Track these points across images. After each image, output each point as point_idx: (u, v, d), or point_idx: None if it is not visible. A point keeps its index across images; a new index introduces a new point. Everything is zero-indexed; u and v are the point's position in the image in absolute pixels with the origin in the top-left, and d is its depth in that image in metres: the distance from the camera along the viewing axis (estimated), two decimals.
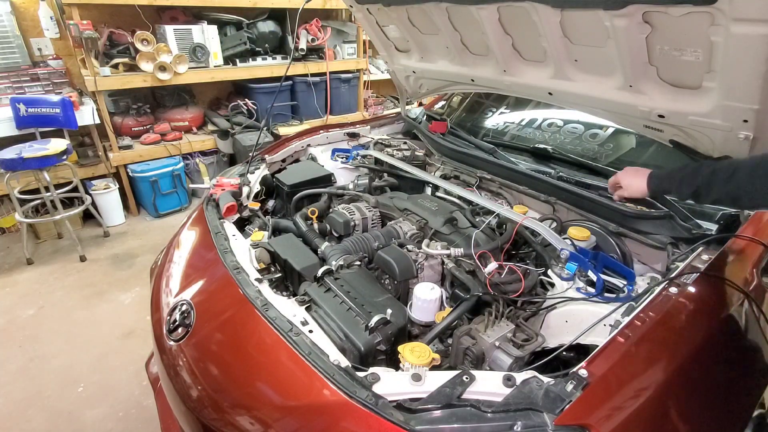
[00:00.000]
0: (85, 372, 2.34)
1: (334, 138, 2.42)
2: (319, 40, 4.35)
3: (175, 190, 4.00)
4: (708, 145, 1.31)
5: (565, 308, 1.21)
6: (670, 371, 0.91)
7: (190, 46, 3.78)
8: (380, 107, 5.39)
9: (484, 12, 1.52)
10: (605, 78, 1.42)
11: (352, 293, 1.25)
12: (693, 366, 0.95)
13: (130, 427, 2.05)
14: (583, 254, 1.28)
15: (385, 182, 2.06)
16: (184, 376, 1.17)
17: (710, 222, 1.36)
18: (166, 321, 1.32)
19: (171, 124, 4.10)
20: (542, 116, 2.10)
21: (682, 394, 0.92)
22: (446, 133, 2.27)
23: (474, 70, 1.88)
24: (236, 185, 1.86)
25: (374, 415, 0.87)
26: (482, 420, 0.84)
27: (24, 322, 2.73)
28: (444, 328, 1.17)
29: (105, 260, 3.38)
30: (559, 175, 1.69)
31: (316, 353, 1.03)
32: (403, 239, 1.56)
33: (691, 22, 1.07)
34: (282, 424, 0.96)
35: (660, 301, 1.03)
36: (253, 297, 1.23)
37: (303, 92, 4.55)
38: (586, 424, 0.80)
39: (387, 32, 2.16)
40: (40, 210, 3.70)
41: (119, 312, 2.80)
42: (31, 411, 2.13)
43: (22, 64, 3.58)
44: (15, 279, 3.16)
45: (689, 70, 1.19)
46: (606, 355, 0.91)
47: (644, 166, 1.64)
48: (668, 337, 0.97)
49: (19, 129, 3.35)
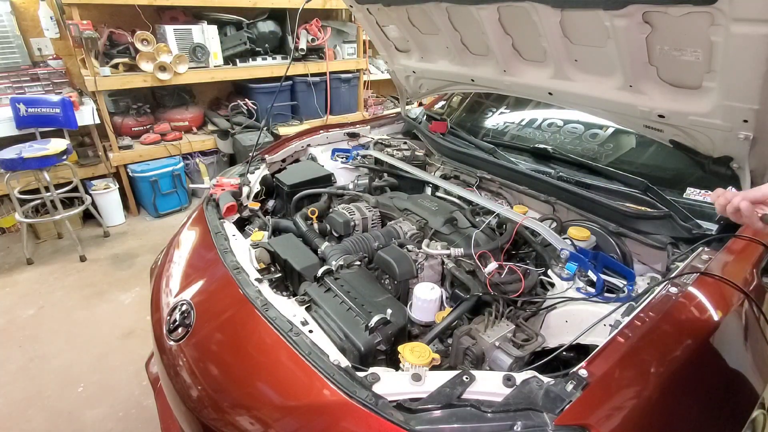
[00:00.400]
0: (85, 372, 2.34)
1: (334, 138, 2.42)
2: (319, 40, 4.35)
3: (175, 190, 4.00)
4: (708, 145, 1.31)
5: (565, 308, 1.21)
6: (670, 371, 0.91)
7: (190, 46, 3.78)
8: (380, 107, 5.38)
9: (484, 12, 1.52)
10: (605, 78, 1.42)
11: (352, 293, 1.25)
12: (693, 366, 0.95)
13: (130, 427, 2.05)
14: (583, 254, 1.28)
15: (385, 182, 2.06)
16: (184, 376, 1.17)
17: (710, 222, 1.36)
18: (166, 321, 1.32)
19: (171, 124, 4.10)
20: (542, 116, 2.10)
21: (681, 394, 0.92)
22: (446, 133, 2.27)
23: (474, 70, 1.88)
24: (236, 185, 1.86)
25: (374, 415, 0.87)
26: (482, 420, 0.84)
27: (24, 322, 2.73)
28: (444, 328, 1.17)
29: (105, 260, 3.38)
30: (559, 175, 1.69)
31: (316, 353, 1.02)
32: (403, 239, 1.56)
33: (691, 22, 1.07)
34: (282, 424, 0.96)
35: (660, 301, 1.03)
36: (253, 297, 1.23)
37: (303, 92, 4.55)
38: (586, 424, 0.80)
39: (387, 32, 2.16)
40: (40, 210, 3.70)
41: (119, 312, 2.80)
42: (31, 411, 2.13)
43: (22, 64, 3.57)
44: (15, 279, 3.16)
45: (689, 70, 1.19)
46: (606, 355, 0.91)
47: (644, 166, 1.66)
48: (668, 337, 0.97)
49: (19, 129, 3.35)
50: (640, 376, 0.90)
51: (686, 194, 1.51)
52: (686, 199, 1.49)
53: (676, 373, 0.92)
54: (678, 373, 0.92)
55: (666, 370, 0.91)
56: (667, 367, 0.92)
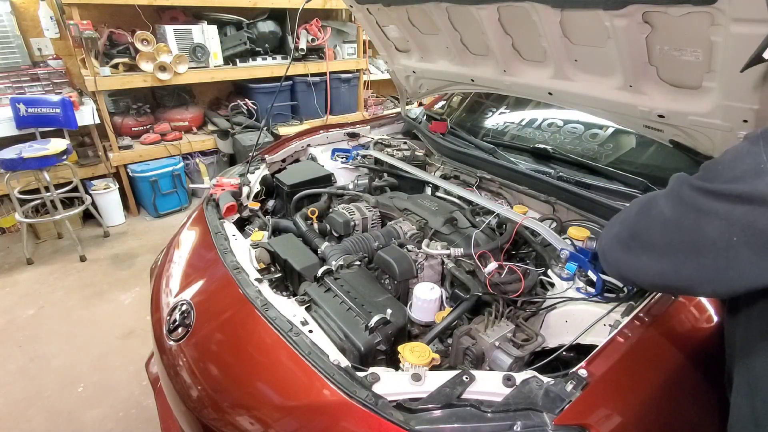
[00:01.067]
0: (85, 372, 2.34)
1: (334, 138, 2.42)
2: (319, 40, 4.35)
3: (175, 190, 4.00)
4: (708, 145, 1.31)
5: (565, 308, 1.21)
6: (670, 371, 0.91)
7: (190, 46, 3.78)
8: (380, 107, 5.39)
9: (484, 12, 1.52)
10: (605, 78, 1.42)
11: (352, 293, 1.25)
12: (692, 366, 0.95)
13: (130, 427, 2.05)
14: (583, 254, 1.28)
15: (385, 182, 2.06)
16: (184, 376, 1.17)
17: None
18: (166, 321, 1.32)
19: (171, 124, 4.10)
20: (542, 116, 2.09)
21: (681, 394, 0.92)
22: (446, 133, 2.27)
23: (474, 70, 1.88)
24: (236, 185, 1.86)
25: (374, 415, 0.87)
26: (482, 420, 0.84)
27: (24, 322, 2.73)
28: (444, 328, 1.17)
29: (105, 260, 3.38)
30: (559, 175, 1.69)
31: (316, 353, 1.02)
32: (403, 239, 1.56)
33: (691, 22, 1.07)
34: (282, 424, 0.96)
35: (660, 301, 1.03)
36: (253, 297, 1.23)
37: (303, 92, 4.56)
38: (586, 424, 0.80)
39: (387, 32, 2.16)
40: (40, 210, 3.70)
41: (119, 312, 2.80)
42: (31, 411, 2.13)
43: (22, 64, 3.58)
44: (15, 279, 3.16)
45: (689, 70, 1.19)
46: (606, 355, 0.91)
47: (644, 166, 1.66)
48: (668, 337, 0.97)
49: (19, 129, 3.35)
50: (640, 376, 0.90)
51: None
52: None
53: (675, 373, 0.92)
54: (678, 372, 0.92)
55: (666, 370, 0.91)
56: (667, 367, 0.92)
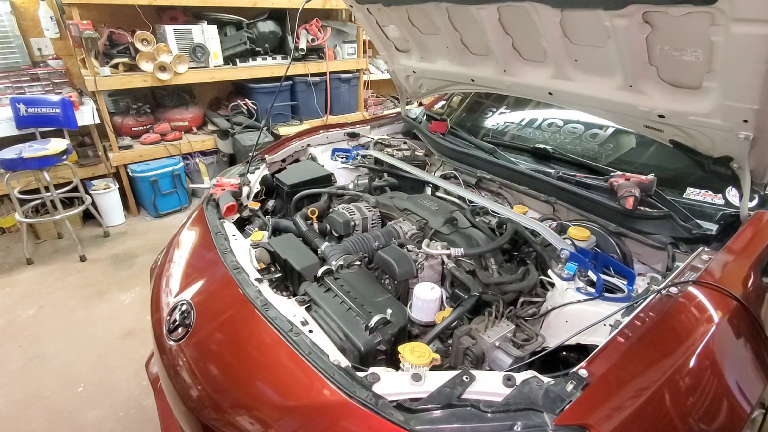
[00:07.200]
0: (85, 372, 2.34)
1: (334, 138, 2.42)
2: (319, 40, 4.35)
3: (175, 190, 4.00)
4: (708, 145, 1.31)
5: (565, 308, 1.20)
6: (670, 371, 0.91)
7: (190, 46, 3.78)
8: (380, 107, 5.39)
9: (484, 12, 1.52)
10: (605, 78, 1.42)
11: (352, 293, 1.25)
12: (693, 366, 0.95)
13: (130, 427, 2.05)
14: (583, 254, 1.28)
15: (385, 182, 2.06)
16: (184, 376, 1.17)
17: (710, 222, 1.36)
18: (166, 321, 1.32)
19: (171, 124, 4.10)
20: (542, 116, 2.10)
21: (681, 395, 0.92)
22: (446, 133, 2.27)
23: (474, 70, 1.88)
24: (236, 185, 1.86)
25: (374, 415, 0.87)
26: (482, 420, 0.84)
27: (24, 322, 2.73)
28: (444, 328, 1.17)
29: (105, 260, 3.38)
30: (559, 175, 1.69)
31: (316, 353, 1.02)
32: (403, 239, 1.56)
33: (691, 22, 1.07)
34: (282, 424, 0.96)
35: (660, 301, 1.03)
36: (253, 297, 1.23)
37: (303, 92, 4.55)
38: (586, 424, 0.80)
39: (387, 32, 2.16)
40: (40, 210, 3.70)
41: (119, 312, 2.80)
42: (31, 411, 2.13)
43: (22, 64, 3.58)
44: (15, 279, 3.16)
45: (689, 70, 1.19)
46: (606, 355, 0.91)
47: (644, 166, 1.66)
48: (668, 337, 0.97)
49: (19, 129, 3.35)
50: (640, 376, 0.90)
51: (686, 194, 1.51)
52: (686, 199, 1.50)
53: (675, 373, 0.92)
54: (677, 372, 0.92)
55: (666, 370, 0.91)
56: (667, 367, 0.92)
